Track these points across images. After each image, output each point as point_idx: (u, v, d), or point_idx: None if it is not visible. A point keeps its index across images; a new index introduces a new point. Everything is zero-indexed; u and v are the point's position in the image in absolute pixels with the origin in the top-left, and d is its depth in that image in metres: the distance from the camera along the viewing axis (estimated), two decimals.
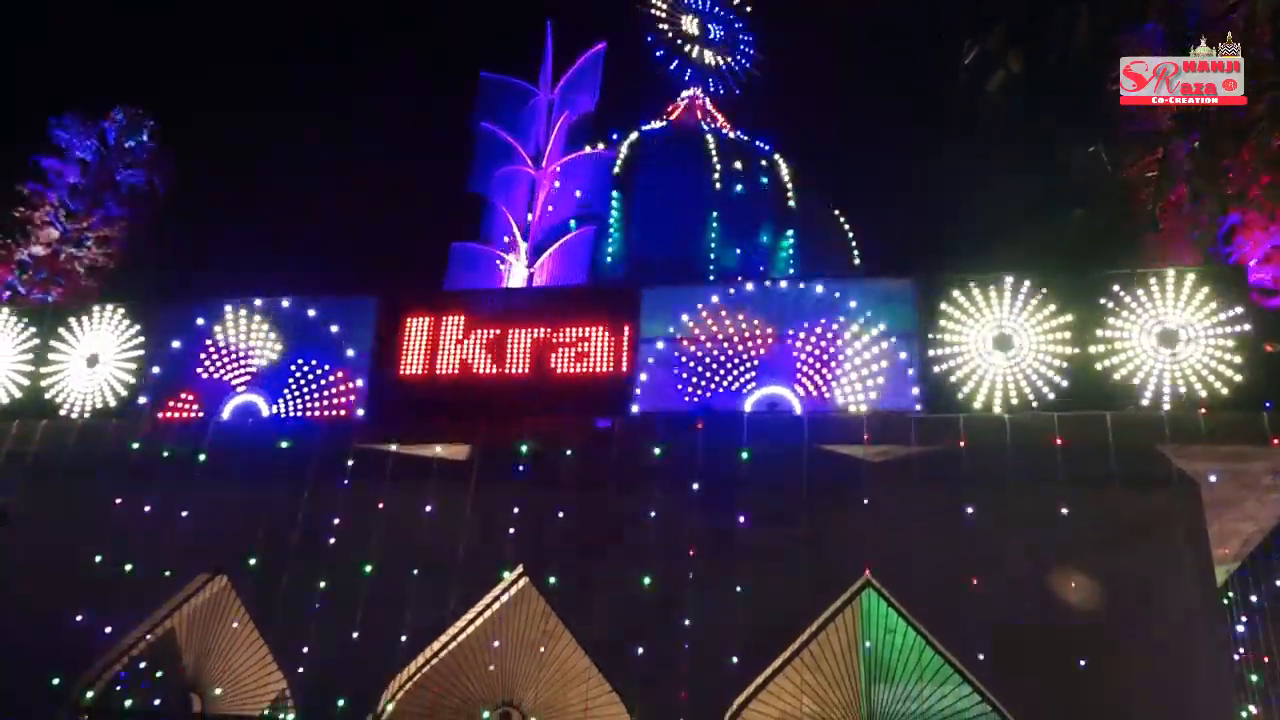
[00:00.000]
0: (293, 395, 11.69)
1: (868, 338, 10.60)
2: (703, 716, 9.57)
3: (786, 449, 10.02)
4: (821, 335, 10.73)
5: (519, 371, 11.04)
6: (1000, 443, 9.65)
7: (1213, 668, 8.92)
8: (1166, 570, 9.27)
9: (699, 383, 10.82)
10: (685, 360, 10.95)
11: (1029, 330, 10.13)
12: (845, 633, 9.95)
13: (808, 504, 9.95)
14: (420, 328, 11.47)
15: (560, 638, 10.38)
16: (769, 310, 10.96)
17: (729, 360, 10.86)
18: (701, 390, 10.79)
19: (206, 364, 12.05)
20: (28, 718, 10.64)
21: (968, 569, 9.51)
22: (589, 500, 10.52)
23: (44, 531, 11.61)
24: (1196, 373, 9.63)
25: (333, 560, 10.72)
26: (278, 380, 11.80)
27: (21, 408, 12.22)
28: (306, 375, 11.76)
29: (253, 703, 10.90)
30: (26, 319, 12.84)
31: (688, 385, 10.83)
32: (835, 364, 10.59)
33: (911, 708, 9.58)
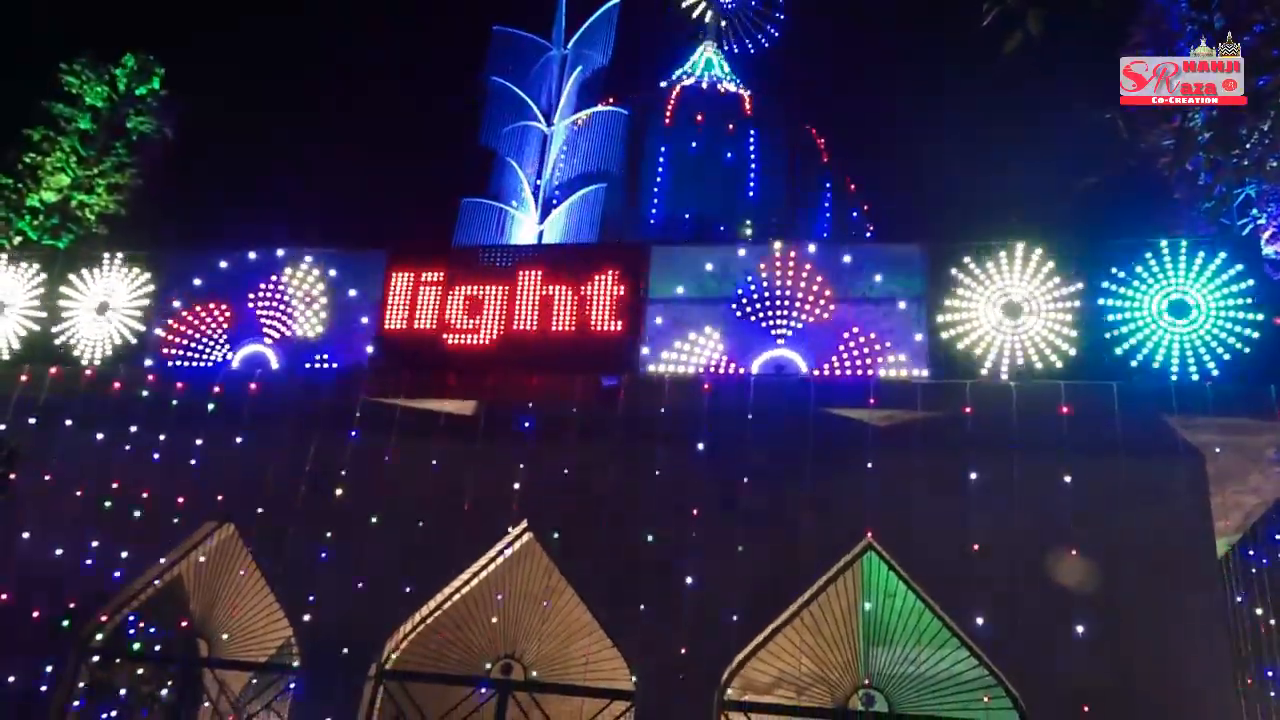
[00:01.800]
0: (300, 346, 11.72)
1: (876, 303, 10.56)
2: (702, 674, 9.68)
3: (792, 412, 10.04)
4: (830, 299, 10.70)
5: (526, 328, 11.04)
6: (1005, 410, 9.65)
7: (1212, 638, 8.97)
8: (1168, 540, 9.30)
9: (703, 343, 10.80)
10: (690, 321, 10.93)
11: (1038, 298, 10.08)
12: (846, 595, 10.02)
13: (812, 467, 10.00)
14: (428, 283, 11.45)
15: (563, 593, 10.49)
16: (778, 272, 10.90)
17: (734, 321, 10.83)
18: (709, 350, 10.78)
19: (215, 313, 12.08)
20: (39, 659, 10.81)
21: (969, 535, 9.56)
22: (594, 458, 10.58)
23: (53, 477, 11.73)
24: (1205, 344, 9.59)
25: (339, 511, 10.83)
26: (285, 330, 11.82)
27: (32, 354, 12.28)
28: (315, 327, 11.78)
29: (259, 649, 11.05)
30: (37, 265, 12.87)
31: (694, 345, 10.82)
32: (843, 328, 10.57)
33: (909, 670, 9.66)
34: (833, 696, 9.73)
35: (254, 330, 11.93)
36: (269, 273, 12.12)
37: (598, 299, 11.02)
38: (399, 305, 11.45)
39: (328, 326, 11.77)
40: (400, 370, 11.18)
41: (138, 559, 11.23)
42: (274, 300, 11.98)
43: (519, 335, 11.04)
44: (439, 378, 11.02)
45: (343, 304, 11.84)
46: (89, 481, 11.53)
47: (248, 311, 12.03)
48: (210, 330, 12.01)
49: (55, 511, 11.48)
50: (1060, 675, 9.00)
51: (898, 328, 10.42)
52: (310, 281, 11.95)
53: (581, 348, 10.87)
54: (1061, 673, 9.00)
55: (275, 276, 12.06)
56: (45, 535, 11.38)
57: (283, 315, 11.89)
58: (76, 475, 11.59)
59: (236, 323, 12.01)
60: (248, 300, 12.06)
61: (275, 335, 11.81)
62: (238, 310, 12.06)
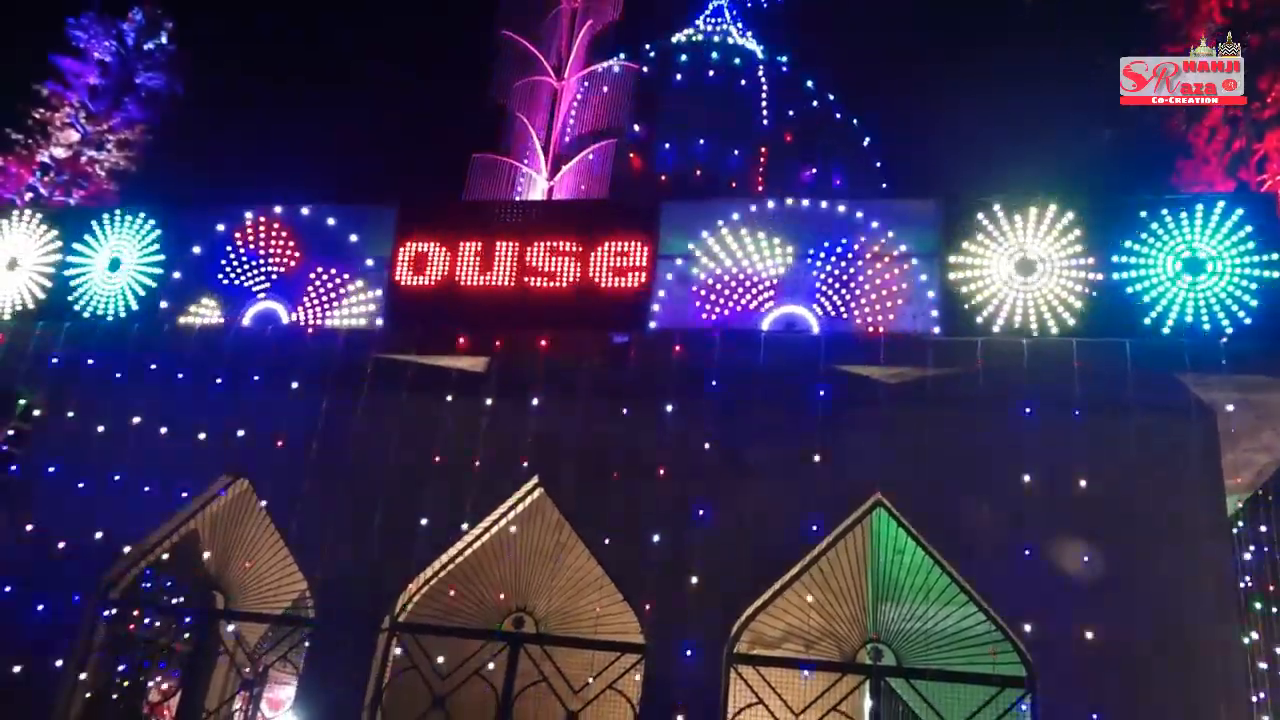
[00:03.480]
0: (311, 303, 11.74)
1: (888, 259, 10.51)
2: (712, 628, 9.78)
3: (802, 368, 10.04)
4: (842, 255, 10.65)
5: (537, 285, 11.03)
6: (1017, 367, 9.63)
7: (1219, 594, 9.00)
8: (1178, 498, 9.31)
9: (717, 300, 10.79)
10: (704, 277, 10.91)
11: (1052, 255, 10.01)
12: (854, 551, 10.08)
13: (822, 423, 10.02)
14: (438, 239, 11.43)
15: (573, 548, 10.57)
16: (789, 229, 10.86)
17: (748, 278, 10.81)
18: (720, 307, 10.77)
19: (226, 269, 12.10)
20: (59, 612, 10.97)
21: (979, 492, 9.59)
22: (604, 414, 10.61)
23: (69, 432, 11.84)
24: (1220, 301, 9.53)
25: (351, 466, 10.91)
26: (297, 288, 11.85)
27: (45, 310, 12.34)
28: (325, 284, 11.79)
29: (274, 602, 11.19)
30: (49, 222, 12.89)
31: (706, 302, 10.81)
32: (854, 284, 10.52)
33: (917, 626, 9.73)
34: (841, 651, 9.82)
35: (264, 286, 11.94)
36: (279, 228, 12.11)
37: (609, 255, 10.99)
38: (409, 262, 11.44)
39: (338, 283, 11.77)
40: (411, 327, 11.20)
41: (153, 513, 11.35)
42: (283, 256, 11.98)
43: (529, 292, 11.03)
44: (449, 335, 11.03)
45: (352, 260, 11.83)
46: (104, 437, 11.63)
47: (257, 267, 12.04)
48: (222, 286, 12.03)
49: (71, 467, 11.60)
50: (1067, 631, 9.05)
51: (910, 284, 10.37)
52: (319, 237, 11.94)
53: (592, 304, 10.86)
54: (1068, 628, 9.05)
55: (285, 232, 12.05)
56: (61, 490, 11.51)
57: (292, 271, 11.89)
58: (92, 430, 11.69)
59: (247, 279, 12.02)
60: (257, 256, 12.07)
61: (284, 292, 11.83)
62: (247, 266, 12.06)
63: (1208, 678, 8.67)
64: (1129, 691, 8.76)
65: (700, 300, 10.83)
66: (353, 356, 11.11)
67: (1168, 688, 8.70)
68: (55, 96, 17.47)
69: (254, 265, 12.04)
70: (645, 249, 10.94)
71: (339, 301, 11.67)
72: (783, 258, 10.77)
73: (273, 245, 12.08)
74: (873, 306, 10.40)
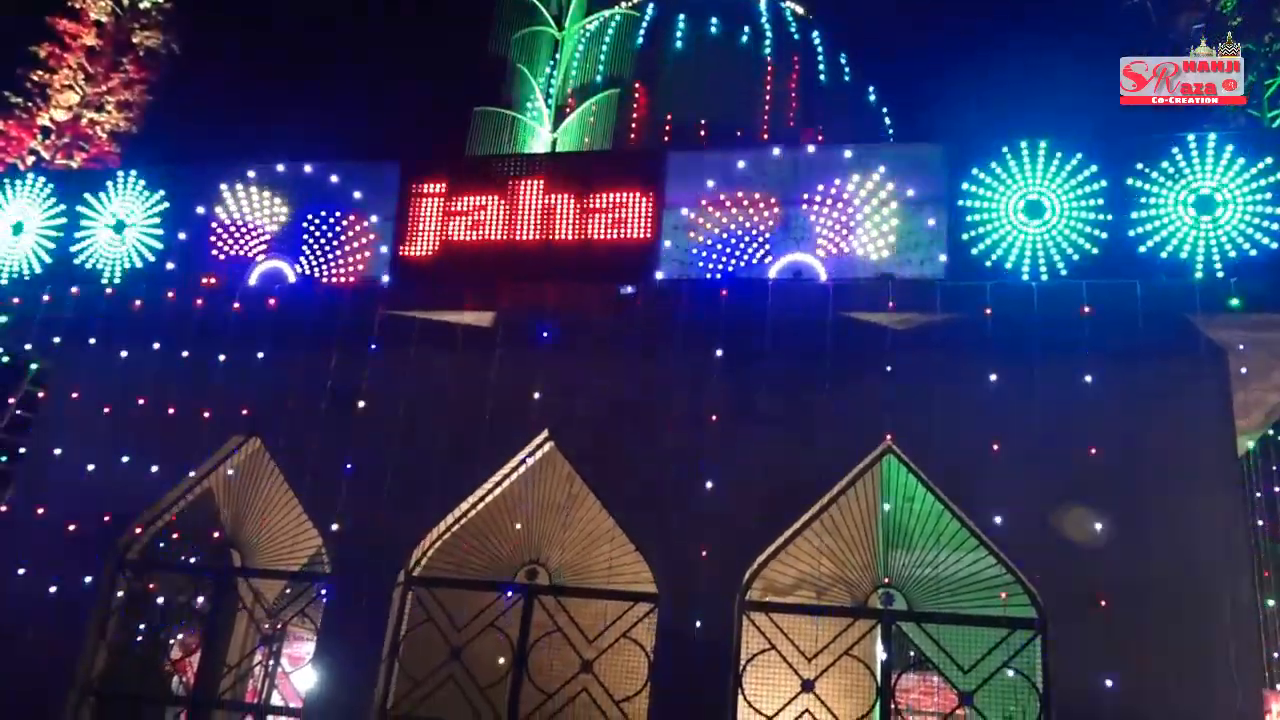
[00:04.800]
0: (318, 261, 11.73)
1: (896, 204, 10.43)
2: (723, 577, 9.85)
3: (810, 316, 10.01)
4: (849, 202, 10.57)
5: (542, 237, 10.99)
6: (1027, 311, 9.58)
7: (1230, 533, 9.01)
8: (1188, 439, 9.29)
9: (724, 249, 10.74)
10: (710, 227, 10.85)
11: (1060, 196, 9.92)
12: (865, 499, 10.11)
13: (830, 371, 10.01)
14: (443, 193, 11.38)
15: (584, 501, 10.63)
16: (797, 177, 10.77)
17: (755, 227, 10.75)
18: (726, 257, 10.72)
19: (231, 229, 12.08)
20: (77, 571, 11.11)
21: (989, 437, 9.58)
22: (612, 366, 10.62)
23: (81, 396, 11.91)
24: (1232, 240, 9.44)
25: (362, 424, 10.95)
26: (302, 246, 11.84)
27: (52, 274, 12.35)
28: (331, 241, 11.77)
29: (290, 559, 11.30)
30: (52, 185, 12.86)
31: (712, 251, 10.76)
32: (862, 231, 10.46)
33: (927, 573, 9.79)
34: (852, 596, 9.89)
35: (270, 246, 11.92)
36: (283, 187, 12.07)
37: (613, 207, 10.93)
38: (415, 217, 11.40)
39: (345, 239, 11.75)
40: (418, 283, 11.19)
41: (167, 473, 11.43)
42: (287, 214, 11.95)
43: (535, 245, 11.00)
44: (456, 289, 11.01)
45: (359, 217, 11.80)
46: (115, 399, 11.68)
47: (261, 226, 12.02)
48: (226, 246, 12.02)
49: (84, 429, 11.67)
50: (1078, 573, 9.09)
51: (918, 229, 10.30)
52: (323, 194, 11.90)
53: (598, 256, 10.83)
54: (1079, 571, 9.09)
55: (288, 190, 12.01)
56: (76, 452, 11.59)
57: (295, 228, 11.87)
58: (103, 393, 11.75)
59: (251, 238, 12.01)
60: (260, 216, 12.04)
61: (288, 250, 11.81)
62: (252, 225, 12.04)
63: (1217, 616, 8.70)
64: (1139, 631, 8.81)
65: (707, 250, 10.78)
66: (360, 313, 11.12)
67: (1178, 627, 8.75)
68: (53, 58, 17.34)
69: (258, 225, 12.02)
70: (650, 200, 10.88)
71: (345, 259, 11.65)
72: (788, 206, 10.69)
73: (276, 204, 12.04)
74: (880, 253, 10.34)
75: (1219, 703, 8.46)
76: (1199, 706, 8.50)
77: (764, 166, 10.88)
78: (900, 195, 10.42)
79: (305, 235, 11.85)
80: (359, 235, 11.76)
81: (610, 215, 10.90)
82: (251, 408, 11.37)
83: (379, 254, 11.59)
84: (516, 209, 11.15)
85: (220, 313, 11.48)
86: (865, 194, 10.55)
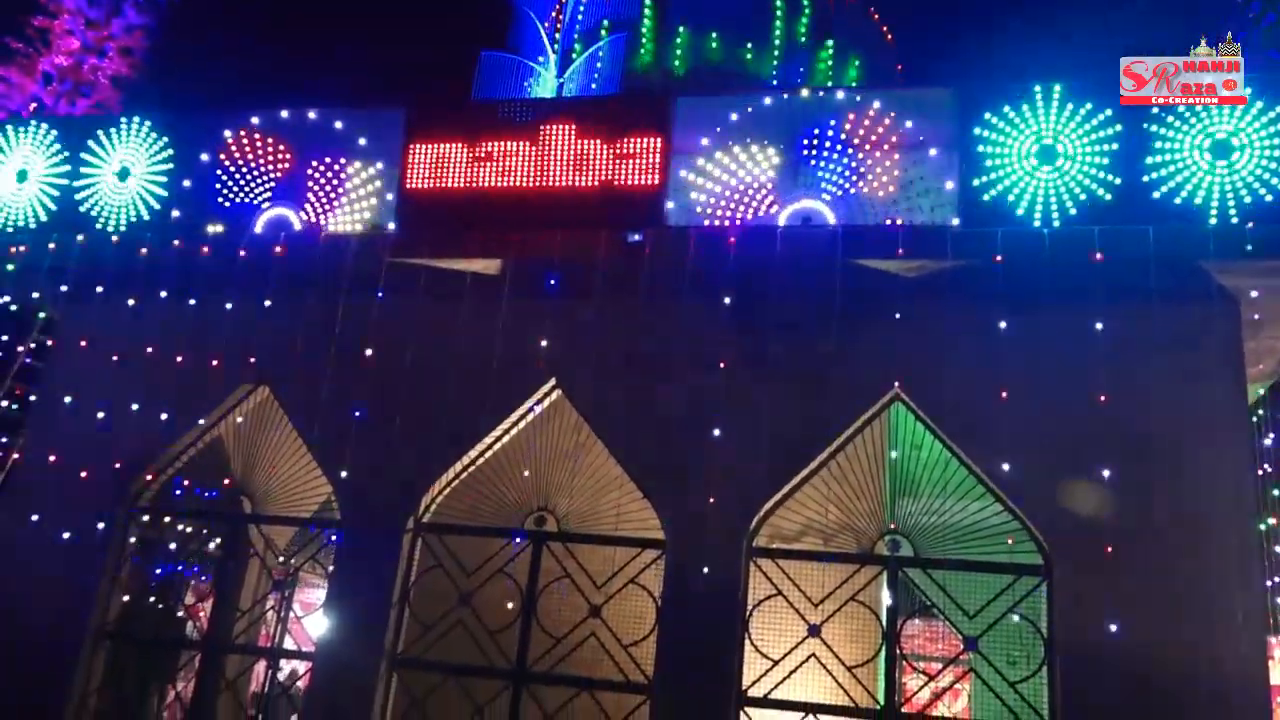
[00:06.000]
0: (323, 208, 11.67)
1: (907, 150, 10.30)
2: (731, 523, 9.89)
3: (819, 262, 9.93)
4: (859, 147, 10.45)
5: (549, 184, 10.89)
6: (1038, 257, 9.49)
7: (1238, 481, 9.00)
8: (1198, 385, 9.25)
9: (733, 195, 10.63)
10: (719, 173, 10.75)
11: (1074, 140, 9.78)
12: (873, 446, 10.11)
13: (839, 318, 9.96)
14: (449, 140, 11.26)
15: (592, 448, 10.65)
16: (806, 121, 10.63)
17: (764, 172, 10.64)
18: (735, 203, 10.63)
19: (236, 175, 12.00)
20: (90, 518, 11.21)
21: (999, 384, 9.55)
22: (620, 313, 10.58)
23: (89, 344, 11.92)
24: (1247, 185, 9.32)
25: (370, 372, 10.96)
26: (308, 193, 11.77)
27: (57, 222, 12.30)
28: (335, 188, 11.70)
29: (300, 506, 11.38)
30: (55, 132, 12.76)
31: (721, 198, 10.67)
32: (872, 177, 10.35)
33: (934, 520, 9.81)
34: (859, 543, 9.94)
35: (274, 192, 11.86)
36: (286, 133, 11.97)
37: (621, 152, 10.82)
38: (420, 164, 11.30)
39: (350, 187, 11.68)
40: (424, 230, 11.12)
41: (177, 421, 11.48)
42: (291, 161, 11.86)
43: (542, 191, 10.90)
44: (463, 237, 10.95)
45: (364, 164, 11.70)
46: (124, 347, 11.70)
47: (265, 173, 11.93)
48: (231, 193, 11.95)
49: (94, 377, 11.71)
50: (1084, 519, 9.10)
51: (928, 175, 10.18)
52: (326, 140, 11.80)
53: (606, 202, 10.73)
54: (1086, 517, 9.10)
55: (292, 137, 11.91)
56: (86, 400, 11.64)
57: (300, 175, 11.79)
58: (111, 342, 11.77)
59: (256, 185, 11.93)
60: (265, 162, 11.95)
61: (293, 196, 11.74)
62: (255, 172, 11.96)
63: (1224, 565, 8.73)
64: (1145, 578, 8.84)
65: (715, 196, 10.68)
66: (366, 261, 11.08)
67: (1184, 574, 8.77)
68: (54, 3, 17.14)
69: (262, 171, 11.94)
70: (658, 145, 10.76)
71: (350, 206, 11.60)
72: (799, 151, 10.57)
73: (280, 151, 11.95)
74: (890, 199, 10.23)
75: (1223, 649, 8.51)
76: (1203, 652, 8.55)
77: (773, 111, 10.75)
78: (912, 140, 10.30)
79: (306, 180, 11.77)
80: (364, 183, 11.70)
81: (617, 161, 10.78)
82: (259, 356, 11.38)
83: (384, 201, 11.52)
84: (523, 155, 11.04)
85: (227, 261, 11.44)
86: (876, 139, 10.43)
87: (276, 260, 11.31)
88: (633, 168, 10.74)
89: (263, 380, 11.52)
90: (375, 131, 11.70)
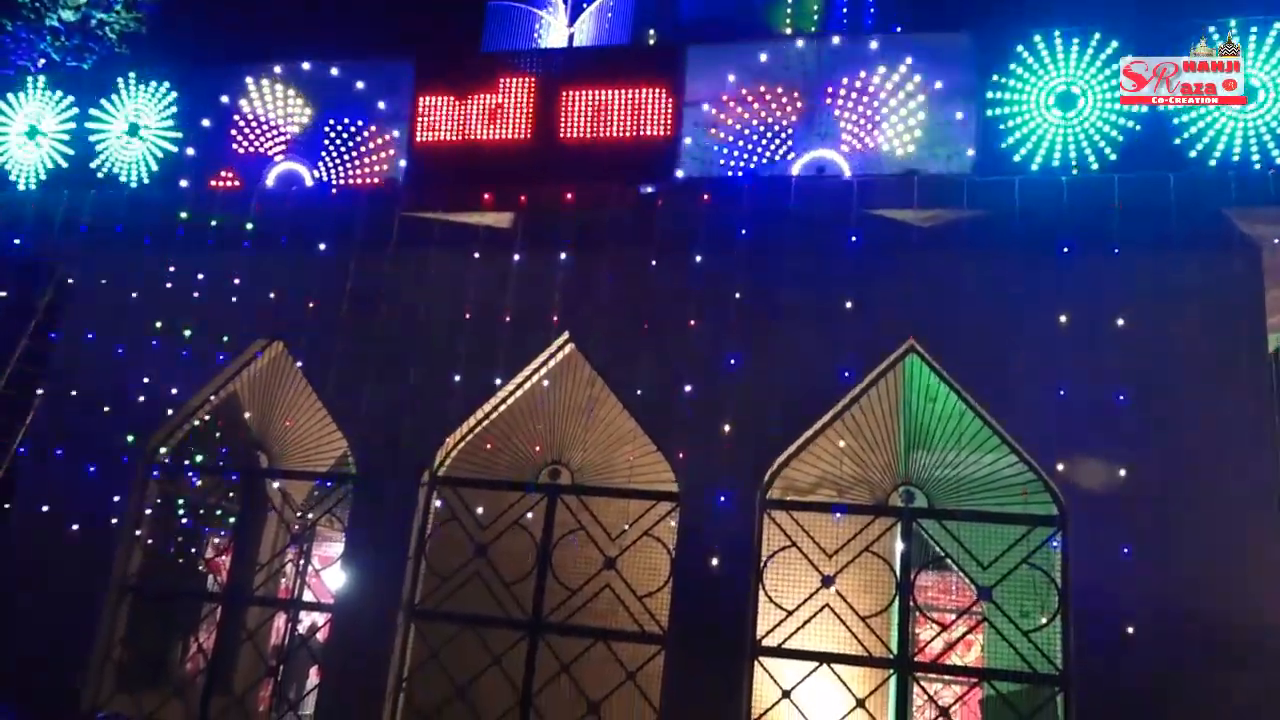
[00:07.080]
0: (333, 162, 11.61)
1: (923, 97, 10.14)
2: (745, 476, 9.90)
3: (834, 213, 9.83)
4: (874, 95, 10.29)
5: (561, 136, 10.78)
6: (1056, 206, 9.37)
7: (1255, 432, 8.92)
8: (1218, 335, 9.14)
9: (746, 146, 10.51)
10: (731, 123, 10.62)
11: (1095, 87, 9.60)
12: (887, 398, 10.07)
13: (854, 269, 9.89)
14: (458, 92, 11.15)
15: (606, 402, 10.65)
16: (820, 69, 10.47)
17: (778, 122, 10.50)
18: (748, 154, 10.50)
19: (246, 130, 11.94)
20: (109, 474, 11.31)
21: (1015, 335, 9.48)
22: (633, 266, 10.52)
23: (103, 301, 11.96)
24: (1271, 131, 9.15)
25: (383, 326, 10.97)
26: (318, 147, 11.71)
27: (68, 177, 12.28)
28: (346, 141, 11.63)
29: (316, 460, 11.44)
30: (64, 88, 12.70)
31: (734, 148, 10.54)
32: (887, 126, 10.21)
33: (949, 473, 9.78)
34: (873, 495, 9.94)
35: (284, 147, 11.79)
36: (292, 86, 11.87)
37: (632, 103, 10.70)
38: (429, 117, 11.21)
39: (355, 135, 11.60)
40: (435, 184, 11.05)
41: (192, 377, 11.53)
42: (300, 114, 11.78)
43: (553, 144, 10.80)
44: (474, 190, 10.87)
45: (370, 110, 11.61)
46: (138, 303, 11.73)
47: (274, 127, 11.86)
48: (241, 148, 11.89)
49: (108, 334, 11.75)
50: (1101, 470, 9.06)
51: (944, 123, 10.03)
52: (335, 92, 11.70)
53: (617, 155, 10.63)
54: (1103, 467, 9.06)
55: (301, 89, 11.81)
56: (102, 357, 11.69)
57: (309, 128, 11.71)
58: (125, 298, 11.80)
59: (265, 139, 11.87)
60: (273, 115, 11.88)
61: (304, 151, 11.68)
62: (264, 126, 11.89)
63: (1241, 516, 8.67)
64: (1161, 529, 8.80)
65: (728, 147, 10.56)
66: (378, 215, 11.04)
67: (1200, 525, 8.73)
68: None
69: (271, 125, 11.88)
70: (669, 95, 10.63)
71: (361, 160, 11.53)
72: (812, 100, 10.42)
73: (289, 104, 11.87)
74: (906, 149, 10.09)
75: (1241, 600, 8.49)
76: (1220, 603, 8.54)
77: (787, 59, 10.58)
78: (927, 87, 10.13)
79: (317, 134, 11.72)
80: (373, 135, 11.60)
81: (628, 112, 10.66)
82: (272, 311, 11.39)
83: (396, 154, 11.44)
84: (533, 106, 10.93)
85: (237, 216, 11.41)
86: (891, 86, 10.26)
87: (289, 215, 11.27)
88: (644, 118, 10.62)
89: (276, 335, 11.53)
90: (384, 83, 11.57)
